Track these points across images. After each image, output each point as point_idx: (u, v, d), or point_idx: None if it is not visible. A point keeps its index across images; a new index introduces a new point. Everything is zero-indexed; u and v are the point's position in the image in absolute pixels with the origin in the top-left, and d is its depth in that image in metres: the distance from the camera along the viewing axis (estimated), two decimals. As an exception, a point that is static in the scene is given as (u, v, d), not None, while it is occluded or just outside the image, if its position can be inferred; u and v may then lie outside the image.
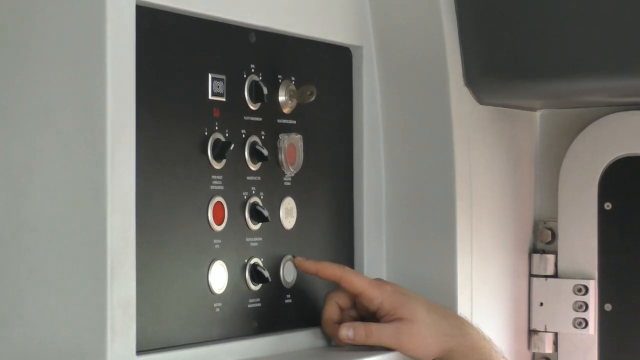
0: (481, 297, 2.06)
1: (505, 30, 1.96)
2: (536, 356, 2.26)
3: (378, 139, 1.96)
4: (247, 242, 1.70)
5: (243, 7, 1.67)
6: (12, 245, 1.47)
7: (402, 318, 1.79)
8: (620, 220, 2.22)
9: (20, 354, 1.47)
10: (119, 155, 1.44)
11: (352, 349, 1.79)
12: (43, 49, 1.45)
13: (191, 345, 1.59)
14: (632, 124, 2.21)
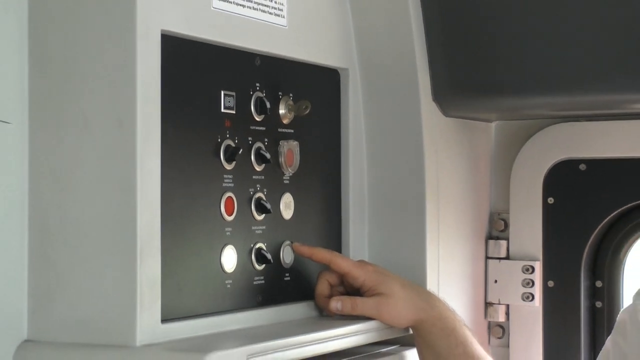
0: (446, 276, 2.07)
1: (467, 56, 1.97)
2: (491, 324, 2.26)
3: (362, 145, 1.97)
4: (252, 230, 1.73)
5: (249, 35, 1.70)
6: (58, 233, 1.49)
7: (381, 293, 1.80)
8: (561, 212, 2.22)
9: (65, 324, 1.48)
10: (146, 159, 1.46)
11: (340, 319, 1.79)
12: (84, 71, 1.48)
13: (206, 315, 1.61)
14: (571, 133, 2.22)
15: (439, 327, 1.83)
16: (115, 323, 1.44)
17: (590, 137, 2.21)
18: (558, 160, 2.22)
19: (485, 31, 1.95)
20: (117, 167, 1.45)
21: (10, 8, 1.46)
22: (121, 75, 1.44)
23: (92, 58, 1.46)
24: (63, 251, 1.48)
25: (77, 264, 1.47)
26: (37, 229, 1.50)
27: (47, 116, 1.49)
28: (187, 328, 1.54)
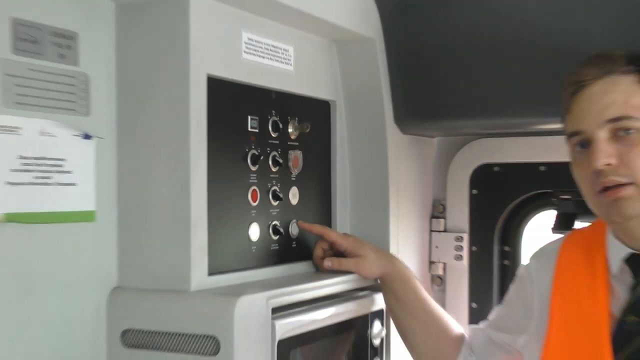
0: (403, 243, 2.06)
1: (417, 93, 1.97)
2: (433, 276, 2.25)
3: (345, 154, 1.97)
4: (270, 212, 1.71)
5: (268, 77, 1.69)
6: (137, 213, 1.50)
7: (358, 255, 1.80)
8: (481, 200, 2.21)
9: (142, 276, 1.48)
10: (197, 163, 1.46)
11: (330, 273, 1.77)
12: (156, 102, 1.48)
13: (238, 270, 1.60)
14: (488, 145, 2.22)
15: (398, 278, 1.82)
16: (177, 275, 1.44)
17: (502, 148, 2.20)
18: (479, 164, 2.22)
19: (430, 76, 1.95)
20: (177, 169, 1.44)
21: (102, 58, 1.45)
22: (180, 104, 1.43)
23: (161, 93, 1.45)
24: (141, 226, 1.48)
25: (151, 235, 1.47)
26: (124, 211, 1.49)
27: (130, 134, 1.48)
28: (225, 279, 1.53)
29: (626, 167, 1.36)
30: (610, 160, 1.37)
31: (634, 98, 1.37)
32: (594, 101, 1.40)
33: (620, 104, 1.37)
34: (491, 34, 1.84)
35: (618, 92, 1.38)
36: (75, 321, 1.40)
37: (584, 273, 1.53)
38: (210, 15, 1.48)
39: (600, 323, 1.45)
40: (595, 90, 1.40)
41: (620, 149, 1.37)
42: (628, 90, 1.38)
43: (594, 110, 1.39)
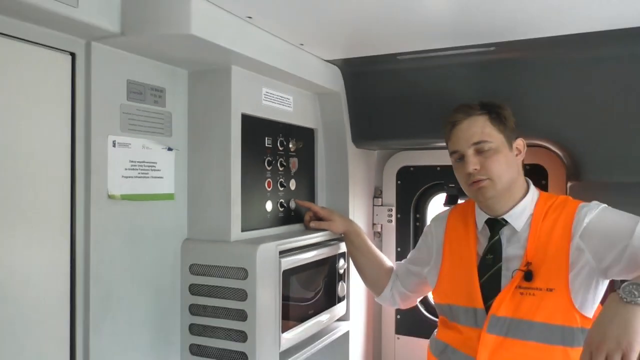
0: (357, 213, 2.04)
1: (365, 124, 1.95)
2: (375, 232, 2.24)
3: (323, 160, 1.96)
4: (278, 194, 1.71)
5: (278, 115, 1.69)
6: (199, 196, 1.50)
7: (331, 219, 1.80)
8: (402, 188, 2.20)
9: (203, 226, 1.49)
10: (235, 165, 1.47)
11: (313, 230, 1.77)
12: (211, 129, 1.48)
13: (259, 229, 1.60)
14: (407, 155, 2.22)
15: (354, 233, 1.82)
16: (222, 231, 1.46)
17: (414, 157, 2.20)
18: (402, 166, 2.21)
19: (372, 115, 1.93)
20: (223, 169, 1.45)
21: (179, 103, 1.47)
22: (225, 130, 1.45)
23: (214, 123, 1.46)
24: (201, 203, 1.48)
25: (207, 208, 1.48)
26: (191, 194, 1.50)
27: (195, 148, 1.49)
28: (251, 234, 1.55)
29: (484, 170, 1.41)
30: (476, 167, 1.41)
31: (486, 129, 1.41)
32: (464, 133, 1.43)
33: (479, 134, 1.41)
34: (410, 94, 1.84)
35: (477, 126, 1.42)
36: (163, 258, 1.43)
37: (462, 229, 1.54)
38: (244, 78, 1.50)
39: (471, 259, 1.47)
40: (464, 126, 1.44)
41: (480, 159, 1.41)
42: (483, 125, 1.42)
43: (464, 138, 1.43)
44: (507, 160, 1.42)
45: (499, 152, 1.41)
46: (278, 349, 1.47)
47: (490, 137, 1.40)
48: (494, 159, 1.40)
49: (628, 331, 0.95)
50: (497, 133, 1.41)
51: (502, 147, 1.41)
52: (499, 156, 1.40)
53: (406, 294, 1.74)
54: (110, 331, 1.26)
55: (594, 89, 1.60)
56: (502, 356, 1.33)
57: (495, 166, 1.40)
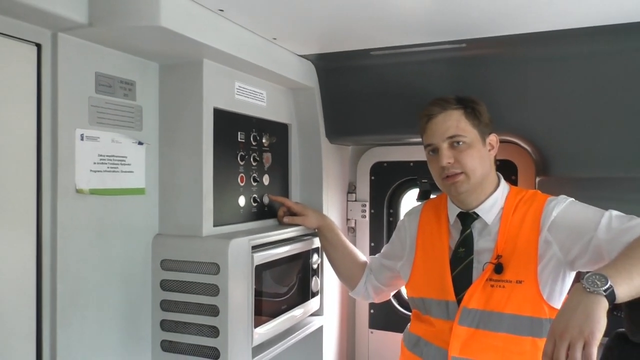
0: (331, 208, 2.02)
1: (339, 120, 1.95)
2: (349, 228, 2.23)
3: (297, 155, 1.95)
4: (251, 189, 1.70)
5: (251, 109, 1.67)
6: (171, 191, 1.47)
7: (304, 215, 1.79)
8: (376, 183, 2.20)
9: (174, 226, 1.46)
10: (206, 159, 1.45)
11: (287, 226, 1.76)
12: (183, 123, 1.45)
13: (231, 224, 1.58)
14: (380, 151, 2.22)
15: (327, 228, 1.82)
16: (194, 226, 1.43)
17: (388, 153, 2.20)
18: (375, 161, 2.21)
19: (346, 110, 1.93)
20: (194, 163, 1.43)
21: (150, 97, 1.44)
22: (197, 125, 1.43)
23: (185, 117, 1.44)
24: (173, 197, 1.46)
25: (178, 203, 1.45)
26: (162, 188, 1.47)
27: (166, 142, 1.46)
28: (224, 229, 1.53)
29: (458, 164, 1.42)
30: (449, 160, 1.42)
31: (461, 124, 1.42)
32: (439, 126, 1.44)
33: (454, 128, 1.42)
34: (384, 90, 1.84)
35: (452, 121, 1.43)
36: (133, 253, 1.40)
37: (435, 223, 1.55)
38: (216, 72, 1.48)
39: (443, 253, 1.47)
40: (439, 119, 1.44)
41: (454, 153, 1.42)
42: (457, 119, 1.43)
43: (439, 132, 1.44)
44: (480, 155, 1.43)
45: (473, 146, 1.41)
46: (250, 344, 1.45)
47: (464, 131, 1.41)
48: (467, 153, 1.41)
49: (590, 320, 0.96)
50: (471, 128, 1.42)
51: (475, 142, 1.42)
52: (473, 151, 1.41)
53: (380, 288, 1.74)
54: (79, 328, 1.23)
55: (562, 86, 1.63)
56: (473, 347, 1.34)
57: (469, 160, 1.41)
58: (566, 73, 1.61)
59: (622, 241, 1.19)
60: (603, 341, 1.03)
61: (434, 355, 1.40)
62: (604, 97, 1.59)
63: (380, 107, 1.88)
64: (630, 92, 1.55)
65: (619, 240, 1.20)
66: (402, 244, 1.65)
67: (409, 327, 1.57)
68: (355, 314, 2.27)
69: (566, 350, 0.96)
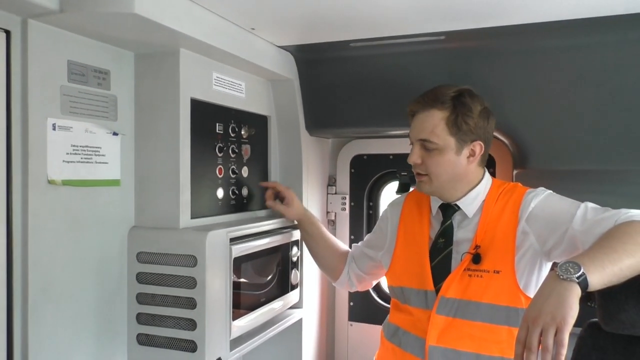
0: (311, 201, 2.03)
1: (318, 112, 1.94)
2: (329, 220, 2.24)
3: (276, 147, 1.93)
4: (230, 181, 1.68)
5: (229, 100, 1.65)
6: (147, 181, 1.45)
7: (289, 204, 1.79)
8: (356, 175, 2.21)
9: (150, 218, 1.44)
10: (184, 151, 1.44)
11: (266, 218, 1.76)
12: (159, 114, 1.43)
13: (209, 216, 1.57)
14: (361, 143, 2.22)
15: (308, 221, 1.80)
16: (171, 218, 1.42)
17: (368, 145, 2.20)
18: (355, 154, 2.22)
19: (326, 103, 1.92)
20: (171, 155, 1.41)
21: (125, 86, 1.41)
22: (174, 115, 1.40)
23: (162, 108, 1.41)
24: (149, 189, 1.44)
25: (155, 195, 1.43)
26: (138, 180, 1.45)
27: (142, 133, 1.44)
28: (201, 221, 1.51)
29: (425, 166, 1.42)
30: (417, 161, 1.42)
31: (437, 129, 1.38)
32: (416, 125, 1.42)
33: (428, 131, 1.39)
34: (364, 82, 1.83)
35: (429, 123, 1.39)
36: (108, 246, 1.38)
37: (417, 214, 1.55)
38: (193, 62, 1.45)
39: (423, 243, 1.47)
40: (419, 118, 1.42)
41: (423, 155, 1.41)
42: (436, 123, 1.38)
43: (415, 131, 1.43)
44: (449, 162, 1.40)
45: (444, 154, 1.39)
46: (229, 337, 1.44)
47: (438, 138, 1.38)
48: (435, 159, 1.40)
49: (562, 306, 0.97)
50: (448, 135, 1.38)
51: (447, 150, 1.39)
52: (442, 158, 1.40)
53: (362, 277, 1.74)
54: (52, 321, 1.21)
55: (540, 79, 1.64)
56: (451, 336, 1.35)
57: (434, 166, 1.40)
58: (544, 66, 1.62)
59: (596, 232, 1.21)
60: (576, 331, 1.04)
61: (411, 344, 1.41)
62: (581, 90, 1.60)
63: (360, 99, 1.88)
64: (607, 86, 1.57)
65: (593, 231, 1.22)
66: (384, 234, 1.64)
67: (388, 318, 1.58)
68: (335, 307, 2.27)
69: (539, 336, 0.97)
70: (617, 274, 1.06)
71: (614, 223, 1.20)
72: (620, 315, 1.07)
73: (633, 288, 1.06)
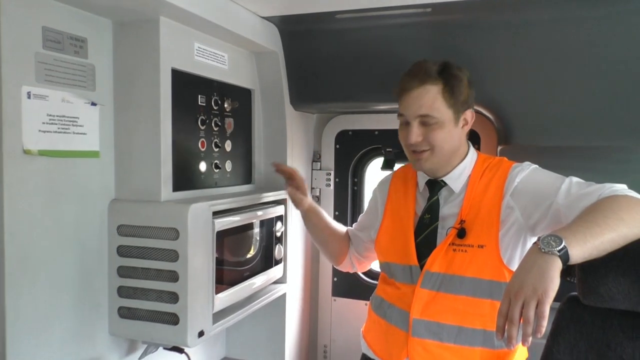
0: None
1: (303, 86, 1.92)
2: (313, 197, 2.22)
3: (260, 121, 1.91)
4: (213, 155, 1.66)
5: (212, 72, 1.62)
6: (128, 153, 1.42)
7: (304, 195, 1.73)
8: (341, 151, 2.20)
9: (130, 191, 1.42)
10: (165, 123, 1.41)
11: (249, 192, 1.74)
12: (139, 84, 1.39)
13: (192, 189, 1.55)
14: (346, 119, 2.20)
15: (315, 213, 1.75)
16: (152, 191, 1.39)
17: (353, 121, 2.19)
18: (340, 130, 2.20)
19: (311, 76, 1.90)
20: (152, 126, 1.38)
21: (103, 55, 1.37)
22: (154, 86, 1.37)
23: (142, 77, 1.38)
24: (129, 161, 1.41)
25: (136, 165, 1.40)
26: (118, 152, 1.41)
27: (121, 103, 1.40)
28: (183, 194, 1.49)
29: (426, 142, 1.39)
30: (418, 139, 1.39)
31: (436, 103, 1.36)
32: (413, 102, 1.38)
33: (427, 106, 1.36)
34: (349, 55, 1.81)
35: (427, 98, 1.36)
36: (88, 219, 1.35)
37: (403, 191, 1.54)
38: (173, 31, 1.42)
39: (408, 219, 1.47)
40: (415, 94, 1.38)
41: (424, 131, 1.39)
42: (433, 98, 1.36)
43: (412, 107, 1.39)
44: (450, 134, 1.40)
45: (444, 126, 1.38)
46: (211, 310, 1.43)
47: (438, 112, 1.37)
48: (437, 132, 1.38)
49: (544, 279, 0.98)
50: (446, 108, 1.37)
51: (447, 122, 1.39)
52: (443, 130, 1.38)
53: (360, 259, 1.74)
54: (30, 293, 1.19)
55: (524, 55, 1.64)
56: (434, 309, 1.36)
57: (438, 138, 1.38)
58: (529, 41, 1.62)
59: (580, 206, 1.20)
60: (555, 306, 1.05)
61: (396, 317, 1.43)
62: (565, 66, 1.60)
63: (346, 73, 1.85)
64: (592, 62, 1.57)
65: (577, 205, 1.22)
66: (375, 214, 1.64)
67: (376, 290, 1.58)
68: (319, 282, 2.27)
69: (520, 308, 0.98)
70: (598, 247, 1.06)
71: (597, 197, 1.20)
72: (599, 289, 1.07)
73: (613, 262, 1.06)
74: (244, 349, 1.99)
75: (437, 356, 1.35)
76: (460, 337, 1.34)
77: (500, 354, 1.34)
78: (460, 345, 1.34)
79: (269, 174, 1.90)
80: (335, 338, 2.25)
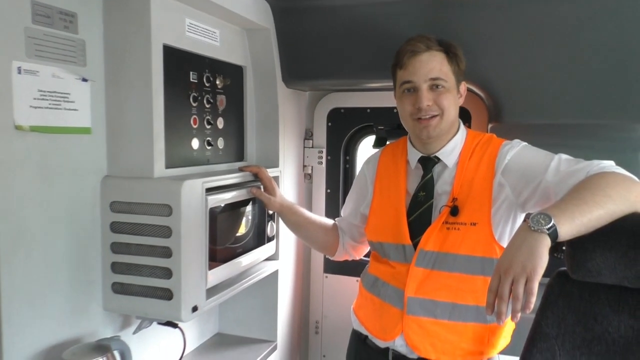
0: (287, 155, 2.03)
1: (295, 63, 1.91)
2: (305, 174, 2.23)
3: (252, 98, 1.90)
4: (205, 132, 1.65)
5: (203, 48, 1.61)
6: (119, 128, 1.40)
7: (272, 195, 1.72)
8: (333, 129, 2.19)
9: (123, 168, 1.41)
10: (157, 99, 1.39)
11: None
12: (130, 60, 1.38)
13: (184, 167, 1.55)
14: (338, 97, 2.19)
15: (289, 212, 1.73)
16: (145, 168, 1.38)
17: (345, 99, 2.19)
18: (332, 107, 2.20)
19: (303, 53, 1.89)
20: (144, 102, 1.36)
21: (94, 30, 1.35)
22: (145, 62, 1.35)
23: (133, 53, 1.36)
24: (121, 138, 1.39)
25: (128, 143, 1.39)
26: (110, 128, 1.40)
27: (113, 79, 1.38)
28: (176, 171, 1.49)
29: (436, 106, 1.39)
30: (429, 103, 1.39)
31: (444, 67, 1.38)
32: (422, 65, 1.38)
33: (437, 70, 1.38)
34: (340, 31, 1.80)
35: (436, 62, 1.38)
36: (81, 195, 1.35)
37: (393, 168, 1.54)
38: (165, 6, 1.40)
39: (400, 197, 1.47)
40: (424, 57, 1.38)
41: (434, 96, 1.39)
42: (441, 62, 1.38)
43: (422, 71, 1.38)
44: (454, 100, 1.42)
45: (450, 92, 1.40)
46: (205, 286, 1.44)
47: (447, 76, 1.39)
48: (445, 96, 1.39)
49: (533, 257, 0.99)
50: (450, 74, 1.40)
51: (452, 88, 1.41)
52: (449, 95, 1.40)
53: (355, 245, 1.74)
54: (23, 269, 1.19)
55: (516, 32, 1.64)
56: (429, 287, 1.38)
57: (446, 103, 1.39)
58: (521, 18, 1.62)
59: (569, 183, 1.22)
60: (544, 281, 1.07)
61: (390, 295, 1.43)
62: (556, 44, 1.61)
63: (338, 50, 1.84)
64: (582, 40, 1.58)
65: (566, 182, 1.23)
66: (363, 194, 1.63)
67: (368, 269, 1.59)
68: (311, 259, 2.29)
69: (510, 285, 1.00)
70: (586, 224, 1.07)
71: (585, 174, 1.22)
72: (587, 264, 1.10)
73: (600, 238, 1.08)
74: (236, 325, 2.01)
75: (432, 332, 1.37)
76: (454, 314, 1.36)
77: (492, 327, 1.37)
78: (454, 321, 1.36)
79: (261, 151, 1.90)
80: (327, 314, 2.28)
